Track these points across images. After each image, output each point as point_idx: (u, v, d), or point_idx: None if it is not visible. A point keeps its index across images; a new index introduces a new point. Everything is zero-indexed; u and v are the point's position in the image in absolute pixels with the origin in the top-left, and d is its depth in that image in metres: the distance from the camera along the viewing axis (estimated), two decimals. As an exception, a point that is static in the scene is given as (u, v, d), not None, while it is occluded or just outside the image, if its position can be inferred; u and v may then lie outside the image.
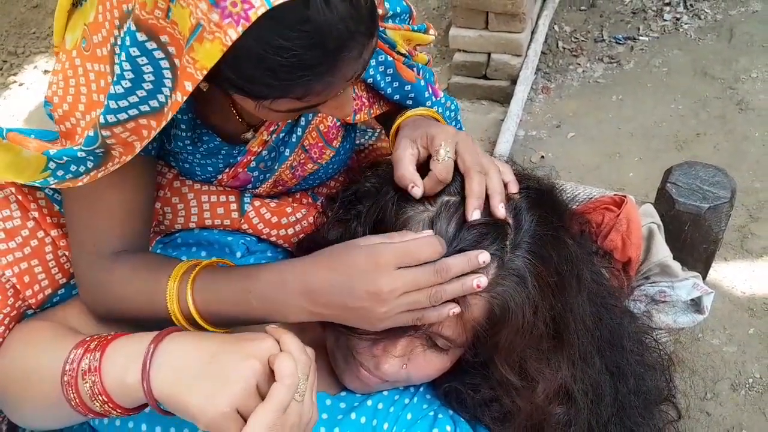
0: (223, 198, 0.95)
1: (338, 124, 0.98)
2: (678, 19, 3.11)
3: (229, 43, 0.58)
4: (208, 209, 0.94)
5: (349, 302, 0.71)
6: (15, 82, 3.12)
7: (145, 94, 0.69)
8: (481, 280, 0.73)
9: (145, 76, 0.67)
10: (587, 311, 0.84)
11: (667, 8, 3.17)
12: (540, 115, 2.77)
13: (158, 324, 0.75)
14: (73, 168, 0.75)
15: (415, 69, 0.98)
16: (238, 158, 0.92)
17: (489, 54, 2.79)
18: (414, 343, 0.80)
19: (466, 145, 0.80)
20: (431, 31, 1.01)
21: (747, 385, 1.79)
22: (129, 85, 0.68)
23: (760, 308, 1.97)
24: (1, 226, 0.83)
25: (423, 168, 0.81)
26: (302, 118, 0.94)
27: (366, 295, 0.70)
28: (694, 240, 1.16)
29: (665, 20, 3.12)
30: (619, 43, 3.04)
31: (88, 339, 0.72)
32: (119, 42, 0.68)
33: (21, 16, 3.47)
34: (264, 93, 0.65)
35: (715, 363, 1.84)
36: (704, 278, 1.20)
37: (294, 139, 0.94)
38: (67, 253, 0.87)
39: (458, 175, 0.79)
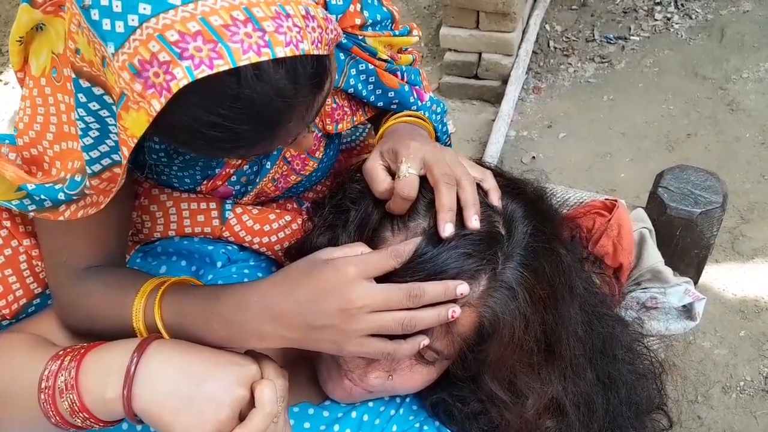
0: (203, 205, 0.92)
1: (319, 135, 0.95)
2: (669, 19, 3.11)
3: (154, 114, 0.55)
4: (188, 217, 0.91)
5: (316, 321, 0.67)
6: (1, 80, 3.08)
7: (113, 144, 0.67)
8: (456, 311, 0.70)
9: (111, 127, 0.66)
10: (579, 321, 0.82)
11: (658, 8, 3.16)
12: (531, 115, 2.76)
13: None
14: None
15: (398, 73, 0.96)
16: (217, 170, 0.90)
17: (480, 54, 2.77)
18: None
19: (435, 157, 0.75)
20: (414, 32, 0.98)
21: (738, 388, 1.78)
22: (97, 134, 0.66)
23: (752, 310, 1.97)
24: None
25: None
26: None
27: (335, 312, 0.66)
28: (686, 245, 1.15)
29: (656, 20, 3.12)
30: (611, 43, 3.04)
31: (61, 352, 0.70)
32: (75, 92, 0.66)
33: (6, 14, 3.43)
34: (206, 155, 0.63)
35: (706, 366, 1.83)
36: (696, 284, 1.19)
37: (275, 152, 0.92)
38: (40, 263, 0.85)
39: None
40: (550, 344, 0.78)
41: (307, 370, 0.87)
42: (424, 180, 0.75)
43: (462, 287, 0.69)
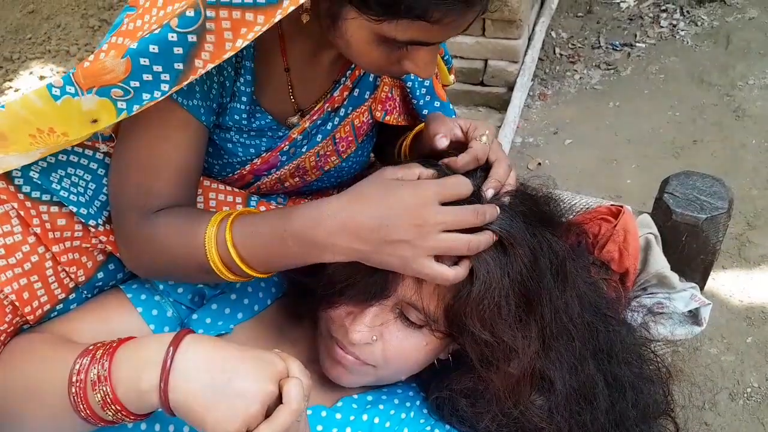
0: (230, 198, 0.95)
1: (370, 121, 1.02)
2: (675, 26, 3.12)
3: None
4: (215, 206, 0.94)
5: (391, 236, 0.71)
6: (11, 87, 3.11)
7: None
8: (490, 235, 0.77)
9: None
10: (575, 310, 0.84)
11: (664, 15, 3.17)
12: (537, 121, 2.77)
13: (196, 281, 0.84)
14: (148, 79, 0.72)
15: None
16: (279, 143, 0.95)
17: (486, 60, 2.79)
18: (385, 315, 0.80)
19: (498, 145, 0.87)
20: (452, 77, 1.07)
21: (745, 395, 1.78)
22: None
23: (758, 317, 1.97)
24: (1, 242, 0.81)
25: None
26: (342, 109, 0.97)
27: (411, 228, 0.70)
28: (692, 251, 1.16)
29: (662, 27, 3.13)
30: (616, 50, 3.05)
31: (91, 347, 0.71)
32: None
33: (17, 21, 3.47)
34: (408, 4, 0.66)
35: (713, 373, 1.83)
36: (702, 289, 1.19)
37: (329, 127, 0.98)
38: (68, 269, 0.86)
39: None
40: (530, 304, 0.80)
41: (318, 372, 0.88)
42: None
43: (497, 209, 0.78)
